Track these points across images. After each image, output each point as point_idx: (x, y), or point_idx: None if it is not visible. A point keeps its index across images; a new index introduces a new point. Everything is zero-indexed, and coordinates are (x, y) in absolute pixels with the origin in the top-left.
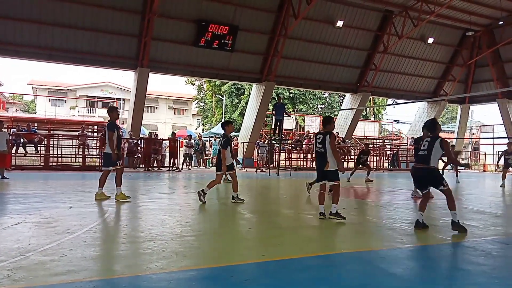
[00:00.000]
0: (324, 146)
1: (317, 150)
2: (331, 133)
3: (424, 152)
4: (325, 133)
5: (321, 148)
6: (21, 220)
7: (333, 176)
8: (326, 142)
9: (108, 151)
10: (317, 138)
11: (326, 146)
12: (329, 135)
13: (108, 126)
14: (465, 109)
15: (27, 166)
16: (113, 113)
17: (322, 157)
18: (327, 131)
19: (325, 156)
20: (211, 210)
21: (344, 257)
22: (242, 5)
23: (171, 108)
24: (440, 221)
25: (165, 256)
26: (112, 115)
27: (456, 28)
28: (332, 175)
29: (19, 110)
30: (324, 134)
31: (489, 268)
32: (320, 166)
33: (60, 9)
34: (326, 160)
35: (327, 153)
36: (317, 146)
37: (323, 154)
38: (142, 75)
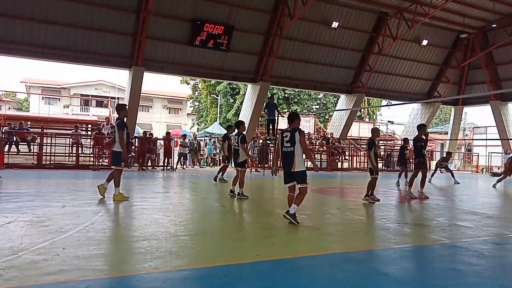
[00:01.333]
0: (293, 145)
1: (284, 150)
2: (300, 130)
3: None
4: (293, 130)
5: (289, 147)
6: (13, 219)
7: (301, 178)
8: (295, 140)
9: (118, 149)
10: (284, 136)
11: (296, 145)
12: (298, 132)
13: (118, 125)
14: (459, 110)
15: (20, 165)
16: (123, 111)
17: (291, 157)
18: (295, 127)
19: (293, 156)
20: (205, 210)
21: (337, 257)
22: (238, 5)
23: (166, 108)
24: (433, 221)
25: (159, 255)
26: (122, 113)
27: (450, 30)
28: (300, 176)
29: (12, 108)
30: (292, 132)
31: (481, 268)
32: (287, 167)
33: (53, 6)
34: (293, 160)
35: (295, 152)
36: (285, 146)
37: (292, 153)
38: (137, 74)
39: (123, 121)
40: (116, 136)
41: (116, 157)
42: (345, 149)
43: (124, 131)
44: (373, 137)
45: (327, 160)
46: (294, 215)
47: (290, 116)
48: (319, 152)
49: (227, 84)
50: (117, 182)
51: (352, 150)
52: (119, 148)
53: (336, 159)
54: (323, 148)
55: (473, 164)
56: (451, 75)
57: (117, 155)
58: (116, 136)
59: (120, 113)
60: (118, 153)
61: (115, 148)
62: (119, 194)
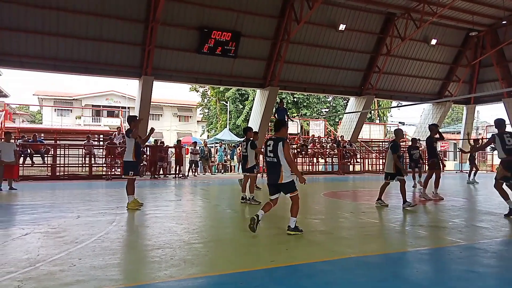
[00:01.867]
0: (276, 156)
1: (267, 160)
2: (284, 140)
3: None
4: (276, 139)
5: (273, 158)
6: (29, 230)
7: (290, 188)
8: (278, 151)
9: (128, 159)
10: (268, 145)
11: (280, 156)
12: (282, 143)
13: (127, 133)
14: (471, 109)
15: (35, 177)
16: (134, 122)
17: (276, 168)
18: (279, 137)
19: (278, 166)
20: (218, 217)
21: (353, 262)
22: (244, 11)
23: (176, 116)
24: (449, 223)
25: (173, 264)
26: (133, 124)
27: (459, 29)
28: (288, 186)
29: (25, 120)
30: (276, 141)
31: (501, 270)
32: (272, 178)
33: (63, 19)
34: (280, 171)
35: (281, 163)
36: (268, 155)
37: (276, 164)
38: (147, 83)
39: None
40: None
41: (125, 167)
42: (356, 152)
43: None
44: (397, 139)
45: (338, 163)
46: (296, 227)
47: (276, 124)
48: (330, 155)
49: (236, 90)
50: (129, 191)
51: (363, 152)
52: (129, 158)
53: (348, 162)
54: (334, 151)
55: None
56: (461, 74)
57: (126, 165)
58: (127, 145)
59: (131, 125)
60: (126, 162)
61: (125, 158)
62: (132, 203)
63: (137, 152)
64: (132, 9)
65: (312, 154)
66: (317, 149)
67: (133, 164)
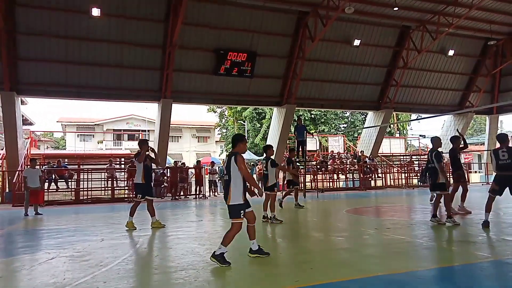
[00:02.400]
0: (229, 173)
1: (224, 179)
2: (236, 155)
3: None
4: (229, 154)
5: (225, 175)
6: (55, 254)
7: (234, 212)
8: (231, 167)
9: (137, 181)
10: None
11: (232, 173)
12: (234, 157)
13: (135, 156)
14: (494, 119)
15: (59, 201)
16: (143, 145)
17: (227, 187)
18: (233, 151)
19: (228, 185)
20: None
21: (380, 280)
22: (259, 32)
23: (195, 137)
24: (478, 237)
25: (197, 285)
26: (144, 147)
27: (476, 38)
28: (233, 211)
29: (49, 147)
30: (229, 156)
31: None
32: (224, 198)
33: (85, 48)
34: (228, 191)
35: (231, 182)
36: (224, 173)
37: (227, 183)
38: (166, 106)
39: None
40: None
41: (135, 189)
42: (377, 167)
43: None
44: (435, 147)
45: (359, 179)
46: (221, 256)
47: (232, 139)
48: (350, 171)
49: (253, 109)
50: (131, 211)
51: (384, 167)
52: (138, 180)
53: (369, 177)
54: (354, 167)
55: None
56: (482, 84)
57: (135, 187)
58: (137, 168)
59: (141, 148)
60: (136, 185)
61: (135, 180)
62: (129, 223)
63: (146, 174)
64: (150, 35)
65: (332, 170)
66: (337, 165)
67: (142, 186)
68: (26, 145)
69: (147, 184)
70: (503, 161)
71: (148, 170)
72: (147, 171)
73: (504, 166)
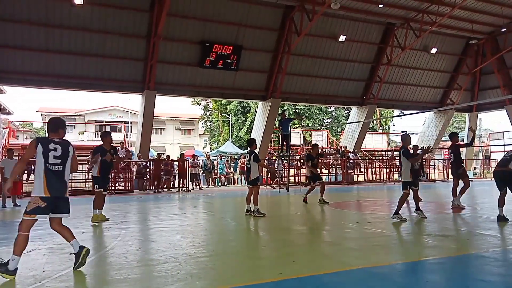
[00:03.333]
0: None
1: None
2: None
3: None
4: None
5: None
6: (34, 247)
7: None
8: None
9: (94, 174)
10: None
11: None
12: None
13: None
14: (473, 117)
15: None
16: (106, 138)
17: None
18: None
19: None
20: (223, 230)
21: (362, 273)
22: (245, 25)
23: (178, 129)
24: (456, 231)
25: (180, 278)
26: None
27: (459, 37)
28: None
29: (29, 137)
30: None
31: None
32: None
33: (66, 37)
34: None
35: None
36: None
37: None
38: (149, 98)
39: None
40: None
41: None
42: (359, 162)
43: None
44: (405, 145)
45: (342, 173)
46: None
47: None
48: (333, 166)
49: (238, 103)
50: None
51: (366, 162)
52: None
53: (351, 172)
54: (337, 161)
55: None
56: (463, 82)
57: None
58: None
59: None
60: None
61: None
62: (95, 216)
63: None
64: (134, 25)
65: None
66: (321, 160)
67: (98, 179)
68: (4, 135)
69: (103, 177)
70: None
71: (104, 164)
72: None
73: None
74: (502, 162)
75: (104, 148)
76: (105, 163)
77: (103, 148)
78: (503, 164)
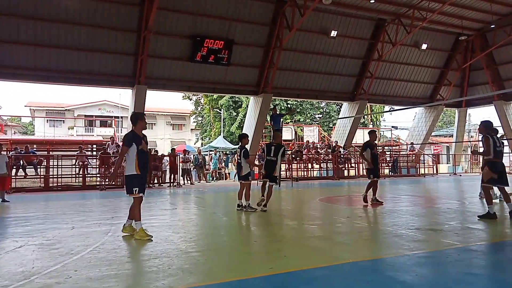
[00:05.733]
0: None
1: None
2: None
3: None
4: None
5: None
6: (23, 243)
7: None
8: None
9: (127, 172)
10: None
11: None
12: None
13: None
14: (463, 112)
15: (27, 188)
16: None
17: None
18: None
19: None
20: (214, 225)
21: (352, 267)
22: (236, 20)
23: (169, 124)
24: (445, 225)
25: (171, 273)
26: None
27: (449, 33)
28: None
29: (17, 132)
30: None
31: (499, 272)
32: None
33: (55, 30)
34: None
35: None
36: None
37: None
38: (140, 92)
39: (128, 133)
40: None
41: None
42: (350, 157)
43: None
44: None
45: (333, 168)
46: None
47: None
48: (324, 161)
49: (229, 98)
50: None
51: (357, 157)
52: (131, 171)
53: (342, 167)
54: (328, 156)
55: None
56: (452, 78)
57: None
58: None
59: (137, 125)
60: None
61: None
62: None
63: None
64: (124, 19)
65: (306, 159)
66: (312, 155)
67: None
68: None
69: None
70: (500, 148)
71: (143, 155)
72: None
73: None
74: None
75: (138, 135)
76: (142, 155)
77: (136, 135)
78: None
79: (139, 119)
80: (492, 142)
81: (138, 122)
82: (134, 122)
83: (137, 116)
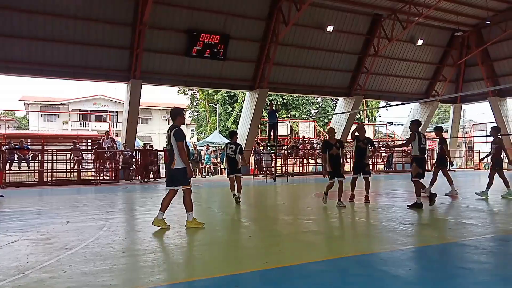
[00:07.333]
0: None
1: None
2: None
3: None
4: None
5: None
6: (18, 237)
7: None
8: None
9: (179, 166)
10: None
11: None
12: None
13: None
14: (457, 108)
15: (22, 183)
16: (180, 116)
17: None
18: None
19: None
20: (209, 220)
21: (346, 261)
22: (233, 14)
23: (165, 119)
24: (439, 220)
25: (166, 268)
26: (179, 119)
27: (444, 29)
28: None
29: (11, 126)
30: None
31: (491, 266)
32: None
33: (50, 24)
34: None
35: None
36: None
37: None
38: (135, 87)
39: (180, 129)
40: (174, 149)
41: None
42: (345, 152)
43: (183, 142)
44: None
45: None
46: None
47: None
48: (320, 156)
49: (225, 93)
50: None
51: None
52: (180, 165)
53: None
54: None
55: (474, 161)
56: (448, 74)
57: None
58: (176, 149)
59: (177, 120)
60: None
61: (176, 166)
62: (194, 220)
63: None
64: (119, 13)
65: (302, 155)
66: (308, 150)
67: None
68: None
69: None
70: (424, 145)
71: (189, 150)
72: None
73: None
74: None
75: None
76: (187, 148)
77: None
78: None
79: (178, 114)
80: (418, 140)
81: (178, 117)
82: (174, 117)
83: (177, 112)
